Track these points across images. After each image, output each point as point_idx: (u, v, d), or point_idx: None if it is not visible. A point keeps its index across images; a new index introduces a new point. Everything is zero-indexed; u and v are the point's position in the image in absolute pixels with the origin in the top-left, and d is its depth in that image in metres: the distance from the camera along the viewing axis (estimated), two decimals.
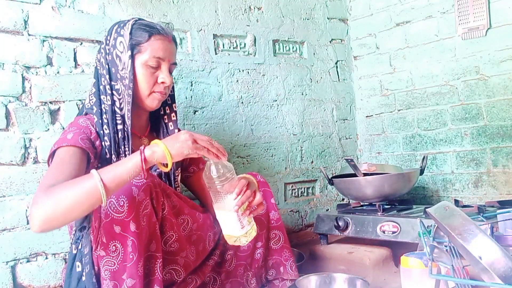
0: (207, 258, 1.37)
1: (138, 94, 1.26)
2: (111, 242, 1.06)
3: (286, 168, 2.18)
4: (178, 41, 1.84)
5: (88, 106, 1.26)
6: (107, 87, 1.24)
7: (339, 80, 2.45)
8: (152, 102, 1.28)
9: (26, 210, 1.44)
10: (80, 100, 1.57)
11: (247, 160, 2.04)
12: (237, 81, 2.03)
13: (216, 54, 1.96)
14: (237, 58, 2.03)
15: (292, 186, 2.21)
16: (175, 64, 1.31)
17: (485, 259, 0.78)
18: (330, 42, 2.42)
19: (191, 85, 1.88)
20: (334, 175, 2.13)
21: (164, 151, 1.04)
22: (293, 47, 2.27)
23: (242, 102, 2.04)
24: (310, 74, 2.31)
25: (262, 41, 2.12)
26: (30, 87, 1.48)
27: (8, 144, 1.43)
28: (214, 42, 1.96)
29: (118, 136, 1.23)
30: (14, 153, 1.43)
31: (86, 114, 1.26)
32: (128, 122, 1.23)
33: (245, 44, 2.08)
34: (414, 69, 2.24)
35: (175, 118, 1.39)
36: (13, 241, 1.41)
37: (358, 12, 2.47)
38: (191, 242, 1.28)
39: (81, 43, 1.59)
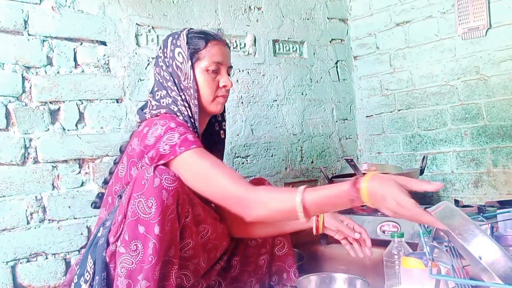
0: (214, 262, 1.37)
1: (201, 101, 1.27)
2: (133, 241, 1.06)
3: (286, 168, 2.18)
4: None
5: (155, 108, 1.26)
6: (178, 97, 1.25)
7: (339, 80, 2.45)
8: (216, 107, 1.30)
9: (26, 210, 1.44)
10: (80, 100, 1.57)
11: (247, 160, 2.04)
12: (237, 81, 2.03)
13: None
14: (237, 58, 2.03)
15: (292, 186, 2.21)
16: (231, 67, 1.35)
17: (485, 259, 0.78)
18: (330, 42, 2.42)
19: None
20: (334, 175, 2.13)
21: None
22: (293, 47, 2.27)
23: (242, 102, 2.04)
24: (310, 74, 2.31)
25: (262, 41, 2.12)
26: (30, 87, 1.48)
27: (8, 144, 1.43)
28: None
29: None
30: (14, 153, 1.43)
31: (164, 114, 1.25)
32: (198, 128, 1.25)
33: (245, 44, 2.07)
34: (414, 69, 2.24)
35: (225, 127, 1.42)
36: (13, 241, 1.41)
37: (358, 12, 2.47)
38: (205, 250, 1.28)
39: (81, 43, 1.59)
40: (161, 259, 1.07)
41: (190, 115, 1.24)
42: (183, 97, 1.25)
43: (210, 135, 1.40)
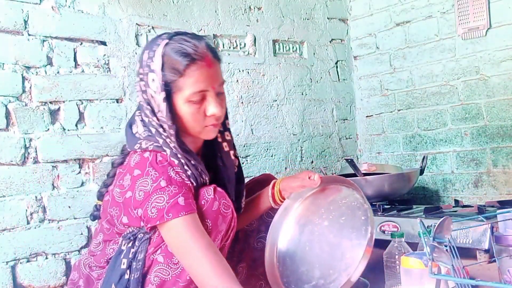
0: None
1: (189, 131, 1.13)
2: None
3: (286, 168, 2.18)
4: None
5: (144, 135, 1.12)
6: (159, 129, 1.11)
7: (339, 80, 2.45)
8: (207, 135, 1.15)
9: (26, 210, 1.44)
10: (80, 100, 1.57)
11: (247, 160, 2.04)
12: (237, 81, 2.03)
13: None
14: (237, 58, 2.03)
15: None
16: (223, 82, 1.14)
17: None
18: (330, 42, 2.42)
19: None
20: (334, 175, 2.13)
21: None
22: (293, 47, 2.27)
23: (242, 102, 2.04)
24: (310, 74, 2.31)
25: (262, 41, 2.12)
26: (30, 87, 1.48)
27: (8, 144, 1.43)
28: (214, 42, 1.96)
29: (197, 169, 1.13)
30: (14, 153, 1.43)
31: (153, 150, 1.11)
32: (188, 160, 1.11)
33: (245, 44, 2.08)
34: (414, 69, 2.24)
35: (229, 137, 1.25)
36: (13, 241, 1.41)
37: (358, 12, 2.47)
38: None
39: (81, 43, 1.59)
40: None
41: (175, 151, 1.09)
42: (161, 130, 1.10)
43: (214, 155, 1.25)
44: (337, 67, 2.44)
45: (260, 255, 1.32)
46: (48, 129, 1.50)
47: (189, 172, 1.10)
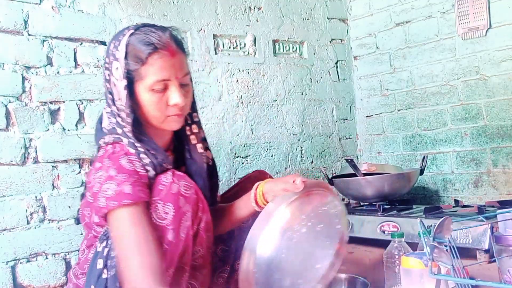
0: (216, 276, 1.33)
1: (151, 121, 1.13)
2: None
3: (286, 168, 2.18)
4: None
5: (109, 128, 1.13)
6: (118, 118, 1.12)
7: (339, 80, 2.45)
8: (170, 126, 1.15)
9: (26, 210, 1.44)
10: (80, 100, 1.57)
11: (247, 160, 2.04)
12: (237, 81, 2.03)
13: (216, 54, 1.96)
14: (237, 58, 2.03)
15: None
16: (188, 73, 1.14)
17: None
18: (330, 42, 2.42)
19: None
20: (334, 175, 2.13)
21: None
22: (293, 47, 2.27)
23: (242, 102, 2.04)
24: (310, 74, 2.31)
25: (262, 41, 2.12)
26: (30, 87, 1.48)
27: (8, 144, 1.43)
28: (214, 42, 1.96)
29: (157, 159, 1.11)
30: (14, 153, 1.43)
31: (114, 142, 1.12)
32: (151, 151, 1.11)
33: (245, 44, 2.08)
34: (414, 69, 2.24)
35: (197, 130, 1.24)
36: (13, 241, 1.41)
37: (358, 12, 2.47)
38: (212, 260, 1.25)
39: (81, 43, 1.59)
40: (173, 266, 1.05)
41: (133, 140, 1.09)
42: (119, 119, 1.10)
43: (183, 149, 1.24)
44: (337, 67, 2.44)
45: None
46: (48, 129, 1.50)
47: (146, 161, 1.09)
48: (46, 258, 1.47)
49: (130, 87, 1.09)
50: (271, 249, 1.16)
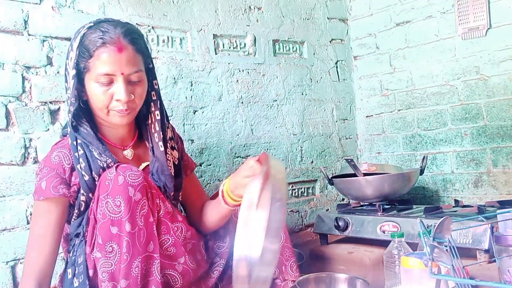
0: (212, 269, 1.34)
1: (97, 113, 1.19)
2: (108, 242, 1.06)
3: (286, 168, 2.18)
4: (178, 41, 1.84)
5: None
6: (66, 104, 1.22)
7: (339, 80, 2.45)
8: (115, 120, 1.18)
9: (26, 210, 1.44)
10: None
11: None
12: (237, 81, 2.03)
13: (216, 54, 1.96)
14: (237, 58, 2.03)
15: (292, 186, 2.21)
16: (139, 71, 1.16)
17: None
18: (330, 42, 2.42)
19: (191, 85, 1.88)
20: (334, 175, 2.13)
21: None
22: (293, 47, 2.27)
23: (242, 102, 2.04)
24: (310, 74, 2.31)
25: (262, 41, 2.12)
26: (30, 87, 1.48)
27: (8, 144, 1.43)
28: (214, 42, 1.96)
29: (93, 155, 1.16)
30: (14, 153, 1.43)
31: (63, 136, 1.25)
32: (99, 144, 1.18)
33: (245, 44, 2.08)
34: (414, 69, 2.24)
35: (158, 128, 1.27)
36: (13, 241, 1.41)
37: (358, 12, 2.47)
38: (188, 251, 1.25)
39: None
40: (138, 256, 1.06)
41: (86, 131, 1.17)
42: (69, 108, 1.16)
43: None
44: (337, 67, 2.44)
45: None
46: (48, 129, 1.50)
47: (80, 153, 1.15)
48: None
49: (79, 78, 1.15)
50: (258, 250, 1.16)
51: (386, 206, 1.86)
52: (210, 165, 1.91)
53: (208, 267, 1.34)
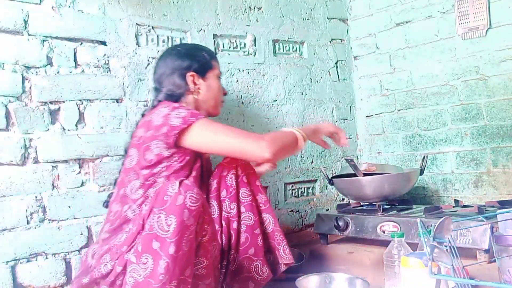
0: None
1: (213, 103, 1.50)
2: (145, 254, 1.05)
3: (286, 168, 2.18)
4: (177, 41, 1.84)
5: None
6: None
7: (339, 80, 2.45)
8: (220, 110, 1.56)
9: (26, 210, 1.44)
10: (80, 100, 1.57)
11: None
12: (237, 81, 2.03)
13: (216, 54, 1.96)
14: (237, 58, 2.03)
15: (292, 186, 2.21)
16: None
17: None
18: (330, 42, 2.42)
19: None
20: (334, 175, 2.13)
21: None
22: (293, 47, 2.27)
23: (242, 102, 2.04)
24: (310, 74, 2.31)
25: (262, 41, 2.12)
26: (30, 87, 1.48)
27: (8, 144, 1.42)
28: (214, 42, 1.96)
29: None
30: (14, 153, 1.43)
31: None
32: None
33: (245, 44, 2.07)
34: (414, 69, 2.24)
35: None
36: (13, 241, 1.41)
37: (358, 12, 2.47)
38: (215, 268, 1.26)
39: (81, 43, 1.59)
40: (175, 279, 1.05)
41: None
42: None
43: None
44: (337, 67, 2.44)
45: (247, 236, 1.36)
46: (48, 129, 1.50)
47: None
48: (46, 258, 1.47)
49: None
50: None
51: (386, 206, 1.86)
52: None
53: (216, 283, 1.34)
